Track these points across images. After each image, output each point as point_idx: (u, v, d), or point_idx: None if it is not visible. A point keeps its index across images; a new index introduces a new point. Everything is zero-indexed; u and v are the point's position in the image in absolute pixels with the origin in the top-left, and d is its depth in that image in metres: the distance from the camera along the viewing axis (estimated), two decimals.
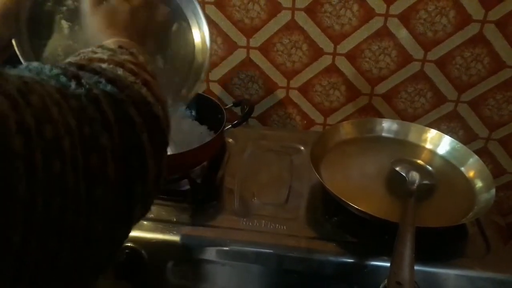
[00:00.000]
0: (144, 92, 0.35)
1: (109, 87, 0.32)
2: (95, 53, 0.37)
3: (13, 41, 0.50)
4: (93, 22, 0.47)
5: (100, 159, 0.27)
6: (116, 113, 0.30)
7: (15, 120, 0.22)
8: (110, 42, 0.42)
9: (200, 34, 0.62)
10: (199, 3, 0.61)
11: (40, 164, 0.22)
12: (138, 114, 0.32)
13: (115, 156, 0.28)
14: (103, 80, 0.32)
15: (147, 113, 0.34)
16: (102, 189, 0.27)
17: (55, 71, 0.29)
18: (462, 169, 0.79)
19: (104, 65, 0.34)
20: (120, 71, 0.35)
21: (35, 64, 0.30)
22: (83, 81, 0.30)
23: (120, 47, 0.40)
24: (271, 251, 0.67)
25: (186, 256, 0.69)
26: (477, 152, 0.79)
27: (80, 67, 0.33)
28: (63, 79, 0.29)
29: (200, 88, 0.64)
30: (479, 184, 0.75)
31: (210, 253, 0.68)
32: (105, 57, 0.36)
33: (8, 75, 0.25)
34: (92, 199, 0.26)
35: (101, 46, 0.39)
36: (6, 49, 0.50)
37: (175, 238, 0.68)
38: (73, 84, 0.29)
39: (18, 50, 0.51)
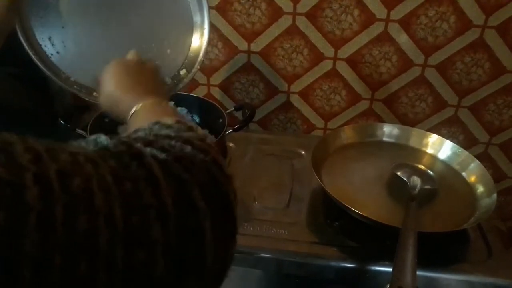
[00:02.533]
0: (214, 170, 0.31)
1: (176, 166, 0.29)
2: (160, 130, 0.34)
3: (17, 27, 0.51)
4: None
5: (147, 255, 0.24)
6: (176, 197, 0.27)
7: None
8: (164, 116, 0.40)
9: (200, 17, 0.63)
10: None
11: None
12: (202, 198, 0.28)
13: (166, 250, 0.25)
14: (170, 159, 0.29)
15: (215, 195, 0.30)
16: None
17: (121, 147, 0.28)
18: (463, 174, 0.79)
19: (172, 142, 0.32)
20: (188, 149, 0.31)
21: (103, 138, 0.28)
22: (146, 161, 0.27)
23: (177, 122, 0.37)
24: (272, 256, 0.67)
25: None
26: (478, 157, 0.79)
27: (148, 143, 0.30)
28: (126, 158, 0.27)
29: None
30: (480, 189, 0.75)
31: None
32: (172, 134, 0.33)
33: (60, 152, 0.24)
34: None
35: (158, 123, 0.36)
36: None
37: None
38: (134, 165, 0.26)
39: (22, 36, 0.52)
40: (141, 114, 0.45)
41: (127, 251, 0.23)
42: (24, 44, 0.54)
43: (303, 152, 0.92)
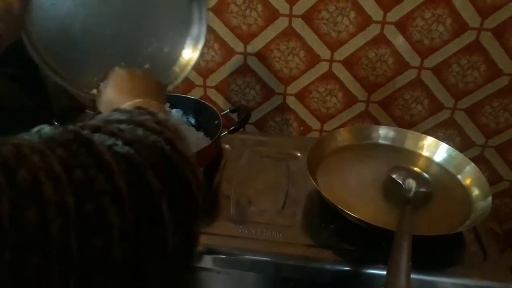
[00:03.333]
0: (168, 151, 0.31)
1: (126, 149, 0.28)
2: (112, 115, 0.34)
3: (23, 36, 0.50)
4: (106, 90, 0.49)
5: (104, 241, 0.24)
6: (130, 181, 0.27)
7: None
8: (126, 105, 0.40)
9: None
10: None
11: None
12: (157, 180, 0.28)
13: (123, 235, 0.25)
14: (119, 143, 0.29)
15: (170, 176, 0.30)
16: (103, 276, 0.24)
17: (68, 136, 0.27)
18: (459, 176, 0.79)
19: (122, 126, 0.31)
20: (140, 131, 0.31)
21: (46, 129, 0.27)
22: (95, 148, 0.27)
23: (138, 107, 0.37)
24: (267, 258, 0.67)
25: None
26: (474, 159, 0.79)
27: (96, 129, 0.30)
28: (73, 146, 0.26)
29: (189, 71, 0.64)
30: (475, 192, 0.74)
31: (206, 261, 0.67)
32: (123, 117, 0.33)
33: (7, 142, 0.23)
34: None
35: (117, 110, 0.36)
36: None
37: None
38: (82, 152, 0.26)
39: (28, 44, 0.51)
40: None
41: (82, 239, 0.22)
42: (33, 53, 0.52)
43: (299, 154, 0.91)
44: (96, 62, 0.56)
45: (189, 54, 0.63)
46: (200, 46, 0.62)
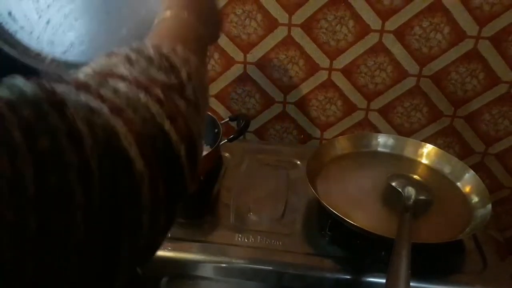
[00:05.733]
0: (166, 126, 0.27)
1: (112, 121, 0.24)
2: (133, 62, 0.29)
3: None
4: None
5: (66, 221, 0.21)
6: (104, 155, 0.23)
7: None
8: (160, 44, 0.33)
9: None
10: None
11: None
12: (142, 160, 0.24)
13: (89, 215, 0.22)
14: (105, 111, 0.24)
15: (160, 159, 0.26)
16: (63, 254, 0.21)
17: (40, 94, 0.22)
18: (458, 184, 0.79)
19: (121, 85, 0.27)
20: (141, 96, 0.27)
21: (19, 82, 0.23)
22: (67, 111, 0.22)
23: (162, 55, 0.31)
24: (267, 267, 0.67)
25: (180, 273, 0.68)
26: (474, 167, 0.79)
27: (84, 87, 0.25)
28: (44, 107, 0.22)
29: None
30: (475, 199, 0.74)
31: (205, 270, 0.67)
32: (128, 73, 0.28)
33: None
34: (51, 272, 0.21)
35: (141, 49, 0.30)
36: None
37: (170, 254, 0.67)
38: (54, 116, 0.21)
39: None
40: (162, 28, 0.38)
41: (42, 220, 0.20)
42: None
43: (298, 162, 0.92)
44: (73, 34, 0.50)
45: None
46: None
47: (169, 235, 0.71)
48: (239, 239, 0.70)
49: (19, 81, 0.23)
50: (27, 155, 0.19)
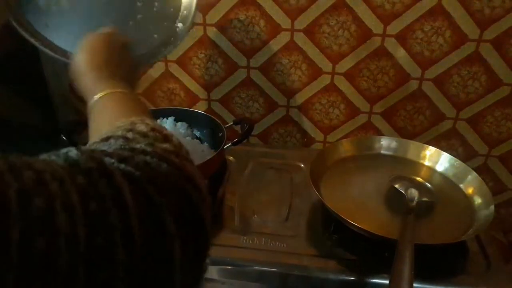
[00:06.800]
0: (188, 189, 0.30)
1: (148, 188, 0.27)
2: (133, 140, 0.32)
3: (13, 23, 0.52)
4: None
5: (110, 275, 0.24)
6: (144, 219, 0.26)
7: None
8: (137, 120, 0.36)
9: None
10: None
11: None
12: (174, 222, 0.27)
13: (129, 274, 0.25)
14: (144, 179, 0.28)
15: (189, 219, 0.29)
16: None
17: (91, 164, 0.26)
18: (461, 186, 0.80)
19: (148, 158, 0.30)
20: (164, 167, 0.30)
21: (73, 153, 0.27)
22: (115, 179, 0.26)
23: (152, 129, 0.35)
24: (272, 269, 0.67)
25: None
26: (478, 169, 0.80)
27: (123, 160, 0.28)
28: (95, 175, 0.25)
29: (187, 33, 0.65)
30: (478, 200, 0.75)
31: (210, 272, 0.68)
32: (148, 149, 0.31)
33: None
34: None
35: (132, 130, 0.34)
36: None
37: None
38: (102, 183, 0.25)
39: (19, 27, 0.53)
40: (109, 106, 0.43)
41: (90, 271, 0.23)
42: (25, 34, 0.54)
43: (302, 166, 0.92)
44: (86, 25, 0.56)
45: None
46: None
47: None
48: (244, 241, 0.71)
49: (73, 153, 0.27)
50: (81, 216, 0.23)
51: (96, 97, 0.44)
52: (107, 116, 0.42)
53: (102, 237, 0.23)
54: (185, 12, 0.64)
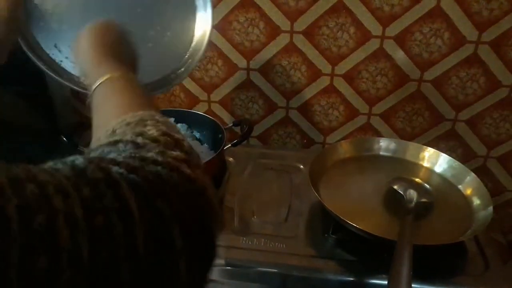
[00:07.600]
0: (201, 202, 0.29)
1: (157, 201, 0.26)
2: (144, 147, 0.31)
3: (21, 42, 0.52)
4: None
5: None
6: (150, 233, 0.25)
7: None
8: (146, 117, 0.35)
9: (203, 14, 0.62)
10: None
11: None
12: (181, 236, 0.26)
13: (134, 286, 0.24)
14: (154, 192, 0.27)
15: (197, 233, 0.28)
16: None
17: (98, 174, 0.25)
18: (460, 187, 0.80)
19: (159, 169, 0.29)
20: (175, 178, 0.29)
21: (79, 161, 0.26)
22: (121, 191, 0.25)
23: (164, 133, 0.33)
24: (271, 270, 0.68)
25: None
26: (476, 170, 0.80)
27: (133, 170, 0.27)
28: (101, 187, 0.24)
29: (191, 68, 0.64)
30: (476, 201, 0.75)
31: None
32: (159, 159, 0.29)
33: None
34: None
35: (142, 134, 0.32)
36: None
37: None
38: (109, 195, 0.24)
39: (26, 48, 0.53)
40: (113, 94, 0.41)
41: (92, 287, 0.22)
42: (32, 56, 0.54)
43: (301, 167, 0.93)
44: None
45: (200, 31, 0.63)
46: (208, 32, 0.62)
47: None
48: (244, 242, 0.72)
49: (80, 161, 0.26)
50: (85, 231, 0.22)
51: (100, 80, 0.42)
52: (112, 107, 0.40)
53: (106, 252, 0.23)
54: (195, 45, 0.63)
